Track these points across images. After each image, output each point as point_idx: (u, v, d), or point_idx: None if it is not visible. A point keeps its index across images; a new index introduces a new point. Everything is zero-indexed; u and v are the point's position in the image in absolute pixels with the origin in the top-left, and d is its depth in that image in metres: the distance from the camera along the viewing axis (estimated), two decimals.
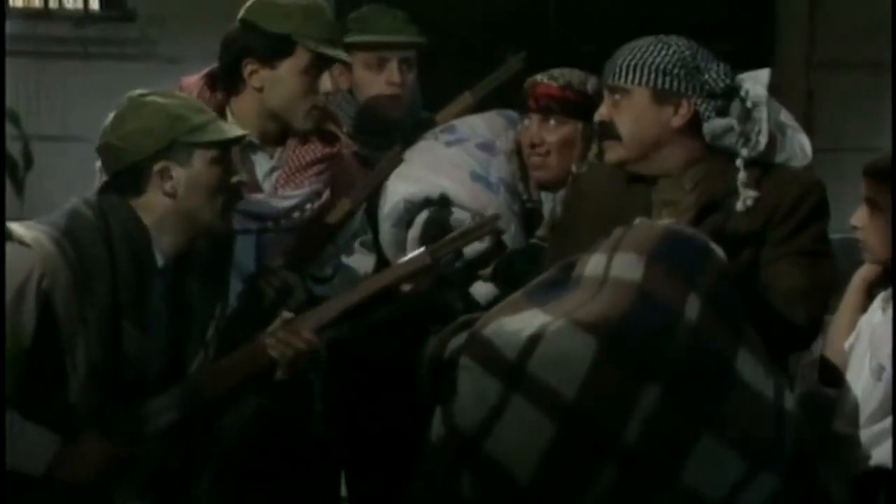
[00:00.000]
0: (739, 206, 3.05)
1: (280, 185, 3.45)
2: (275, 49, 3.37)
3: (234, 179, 3.03)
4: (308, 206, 3.46)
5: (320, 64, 3.38)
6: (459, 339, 2.81)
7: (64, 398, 2.83)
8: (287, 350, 3.00)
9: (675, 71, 3.08)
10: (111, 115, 2.99)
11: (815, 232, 3.08)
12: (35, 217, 2.93)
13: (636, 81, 3.08)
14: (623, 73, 3.09)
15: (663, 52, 3.08)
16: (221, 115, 3.41)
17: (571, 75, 3.62)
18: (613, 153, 3.13)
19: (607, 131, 3.12)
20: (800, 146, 3.18)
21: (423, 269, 3.11)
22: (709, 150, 3.12)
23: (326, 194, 3.47)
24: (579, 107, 3.57)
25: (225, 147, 3.01)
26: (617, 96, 3.10)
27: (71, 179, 3.54)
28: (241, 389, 3.01)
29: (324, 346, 3.06)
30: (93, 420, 2.86)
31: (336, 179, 3.51)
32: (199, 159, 2.96)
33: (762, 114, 3.11)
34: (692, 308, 2.74)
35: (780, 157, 3.14)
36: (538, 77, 3.64)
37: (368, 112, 3.84)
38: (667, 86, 3.08)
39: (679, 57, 3.08)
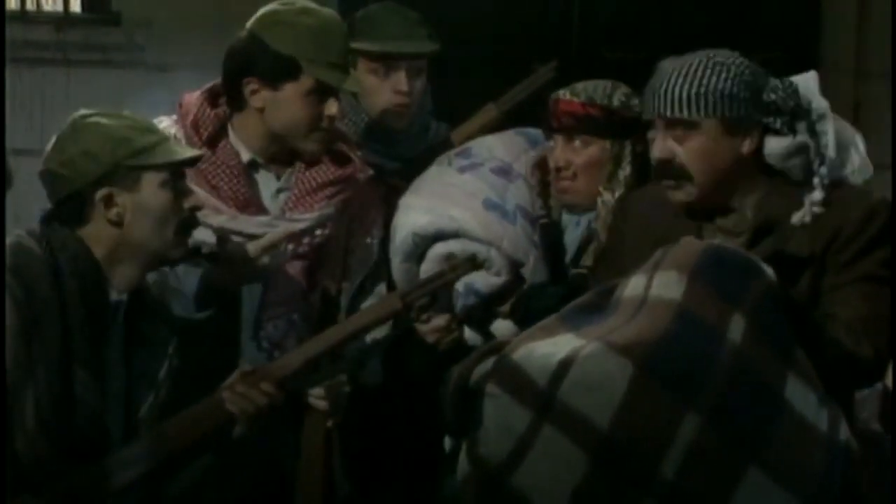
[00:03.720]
0: (796, 219, 3.00)
1: (289, 207, 3.45)
2: (279, 70, 3.36)
3: (188, 204, 3.01)
4: (318, 231, 3.44)
5: (325, 88, 3.37)
6: (486, 365, 2.79)
7: (11, 452, 2.77)
8: (247, 405, 2.98)
9: (742, 95, 3.01)
10: (53, 139, 2.99)
11: (882, 256, 3.02)
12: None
13: (704, 112, 3.01)
14: (687, 104, 3.00)
15: (724, 76, 3.01)
16: (223, 131, 3.43)
17: (595, 89, 3.56)
18: (683, 194, 3.07)
19: (673, 171, 3.05)
20: (863, 153, 3.17)
21: (393, 315, 3.14)
22: (767, 174, 3.09)
23: (338, 220, 3.47)
24: (605, 124, 3.53)
25: (175, 169, 3.00)
26: (679, 131, 3.03)
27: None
28: (198, 447, 2.97)
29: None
30: (37, 477, 2.80)
31: (349, 204, 3.50)
32: (147, 184, 2.96)
33: (828, 126, 3.08)
34: (736, 329, 2.72)
35: (848, 170, 3.11)
36: (560, 92, 3.59)
37: (372, 120, 3.83)
38: (736, 114, 3.02)
39: (742, 79, 3.02)
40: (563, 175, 3.56)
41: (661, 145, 3.04)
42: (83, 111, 3.02)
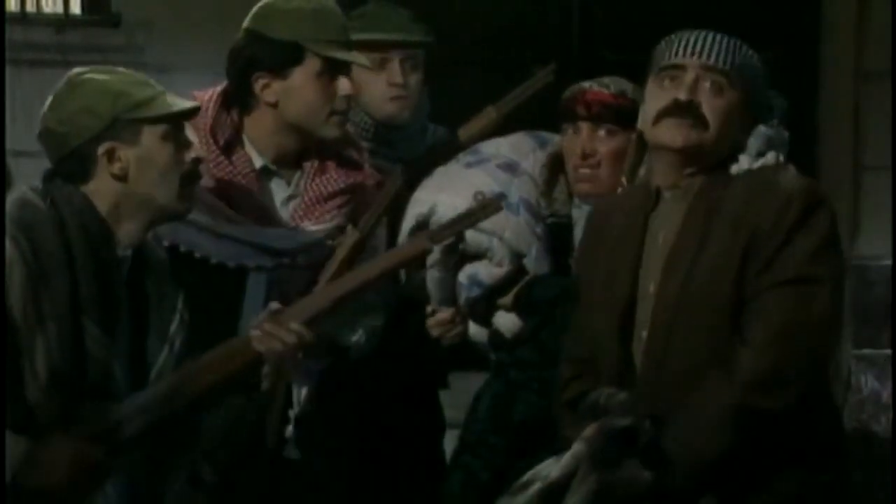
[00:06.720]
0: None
1: (299, 216, 3.47)
2: (284, 58, 3.40)
3: (191, 156, 3.04)
4: (330, 242, 3.46)
5: (333, 68, 3.41)
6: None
7: (24, 402, 2.82)
8: (275, 343, 2.98)
9: (761, 83, 3.03)
10: (49, 98, 3.01)
11: (806, 248, 2.80)
12: None
13: (738, 75, 2.97)
14: (726, 54, 2.98)
15: (753, 57, 3.02)
16: (238, 138, 3.44)
17: (622, 83, 3.67)
18: (696, 134, 2.93)
19: (690, 111, 2.93)
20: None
21: (421, 254, 3.16)
22: None
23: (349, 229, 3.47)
24: (632, 116, 3.56)
25: (176, 121, 3.02)
26: (708, 83, 2.95)
27: None
28: (224, 389, 2.97)
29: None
30: (58, 422, 2.84)
31: (359, 212, 3.51)
32: (148, 136, 2.99)
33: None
34: None
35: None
36: (586, 84, 3.68)
37: (370, 117, 3.86)
38: (755, 96, 3.01)
39: (762, 71, 3.04)
40: (588, 162, 3.62)
41: (694, 88, 2.94)
42: (78, 69, 3.04)
